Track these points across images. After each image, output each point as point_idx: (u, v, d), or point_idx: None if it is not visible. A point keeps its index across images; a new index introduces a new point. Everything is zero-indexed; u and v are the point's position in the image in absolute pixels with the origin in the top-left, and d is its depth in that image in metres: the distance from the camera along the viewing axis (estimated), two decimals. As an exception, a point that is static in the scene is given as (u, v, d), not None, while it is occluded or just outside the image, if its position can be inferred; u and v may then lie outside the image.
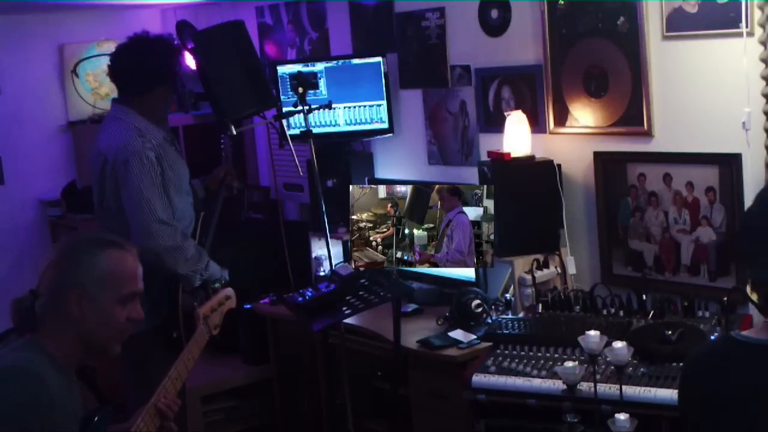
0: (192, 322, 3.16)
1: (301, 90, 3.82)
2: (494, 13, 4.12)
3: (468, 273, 4.03)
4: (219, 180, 3.95)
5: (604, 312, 3.45)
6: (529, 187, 3.77)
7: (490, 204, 3.60)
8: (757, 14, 3.15)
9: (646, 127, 3.60)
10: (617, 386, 2.83)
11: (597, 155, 3.77)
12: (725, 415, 2.01)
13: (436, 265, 3.74)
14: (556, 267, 3.80)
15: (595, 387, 2.87)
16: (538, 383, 3.09)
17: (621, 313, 3.43)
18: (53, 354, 2.30)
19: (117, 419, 2.45)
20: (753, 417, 1.97)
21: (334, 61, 4.66)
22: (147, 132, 3.60)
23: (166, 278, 3.54)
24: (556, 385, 3.01)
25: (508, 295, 3.77)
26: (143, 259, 2.48)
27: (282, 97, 4.66)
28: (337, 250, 4.49)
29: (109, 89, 5.66)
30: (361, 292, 3.34)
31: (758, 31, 3.16)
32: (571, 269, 3.81)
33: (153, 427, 2.51)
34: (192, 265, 3.57)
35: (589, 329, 2.83)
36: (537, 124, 3.95)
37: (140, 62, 3.62)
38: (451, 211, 3.66)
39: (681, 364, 2.94)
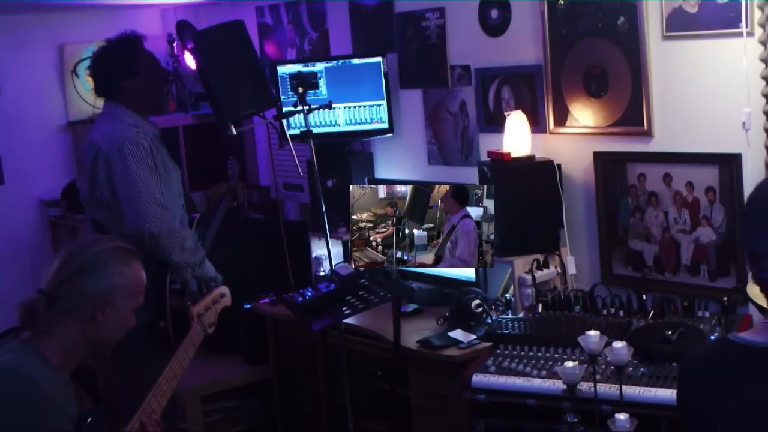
0: (183, 320, 3.15)
1: (301, 90, 3.82)
2: (494, 13, 4.12)
3: (468, 273, 4.02)
4: (221, 193, 4.05)
5: (604, 312, 3.45)
6: (529, 187, 3.77)
7: (490, 204, 3.60)
8: (757, 14, 3.15)
9: (646, 127, 3.59)
10: (617, 386, 2.82)
11: (597, 155, 3.77)
12: (723, 419, 1.99)
13: (435, 265, 3.74)
14: (556, 267, 3.80)
15: (595, 387, 2.86)
16: (538, 383, 3.09)
17: (621, 313, 3.43)
18: (48, 356, 2.30)
19: (110, 419, 2.45)
20: (751, 421, 1.94)
21: (334, 61, 4.66)
22: (139, 125, 3.66)
23: (154, 269, 3.51)
24: (556, 385, 3.01)
25: (508, 295, 3.78)
26: (138, 243, 2.49)
27: (282, 97, 4.66)
28: (337, 250, 4.49)
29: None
30: (361, 292, 3.33)
31: (758, 31, 3.15)
32: (571, 269, 3.81)
33: None
34: (187, 256, 3.57)
35: (589, 329, 2.83)
36: (537, 124, 3.95)
37: (99, 61, 3.76)
38: (456, 215, 3.66)
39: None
